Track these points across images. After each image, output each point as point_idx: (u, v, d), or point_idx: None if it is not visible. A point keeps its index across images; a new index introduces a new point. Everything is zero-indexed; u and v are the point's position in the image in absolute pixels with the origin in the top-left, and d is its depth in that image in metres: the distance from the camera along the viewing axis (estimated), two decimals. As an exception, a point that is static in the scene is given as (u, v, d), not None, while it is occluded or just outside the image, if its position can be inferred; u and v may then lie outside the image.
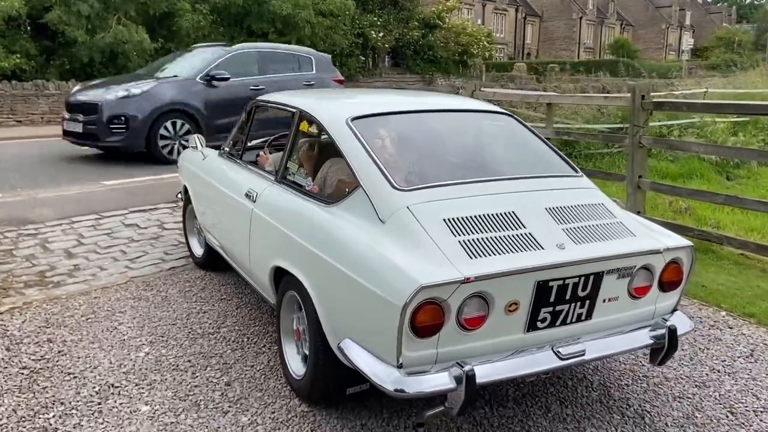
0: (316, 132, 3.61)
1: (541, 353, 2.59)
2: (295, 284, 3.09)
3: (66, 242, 5.79)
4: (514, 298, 2.49)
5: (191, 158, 5.17)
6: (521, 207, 2.80)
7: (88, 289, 4.74)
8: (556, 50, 56.99)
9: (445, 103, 4.09)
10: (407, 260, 2.47)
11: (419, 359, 2.41)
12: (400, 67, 26.38)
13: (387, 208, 2.74)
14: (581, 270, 2.59)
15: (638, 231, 2.89)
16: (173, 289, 4.75)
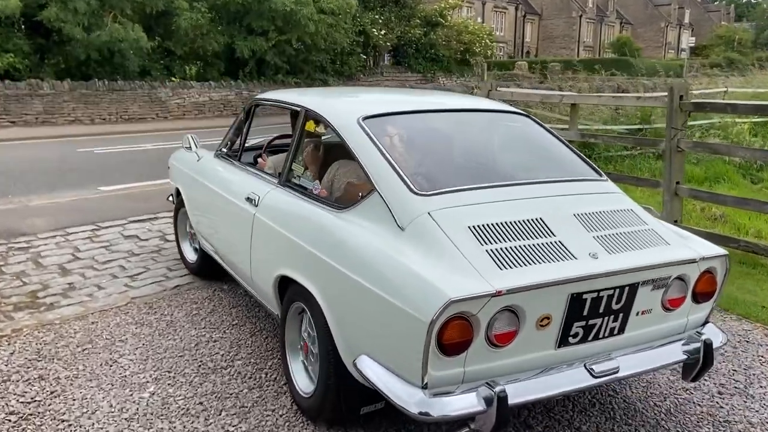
0: (323, 132, 3.41)
1: (574, 370, 2.44)
2: (302, 295, 2.88)
3: (60, 257, 5.32)
4: (547, 312, 2.32)
5: (184, 159, 4.85)
6: (549, 213, 2.62)
7: (84, 313, 4.27)
8: (555, 49, 56.58)
9: (460, 103, 3.85)
10: (433, 271, 2.28)
11: (445, 379, 2.23)
12: (401, 66, 25.90)
13: (406, 214, 2.55)
14: (616, 281, 2.42)
15: (671, 239, 2.72)
16: (179, 311, 4.29)
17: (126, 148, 11.97)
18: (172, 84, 18.78)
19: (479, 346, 2.24)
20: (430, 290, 2.19)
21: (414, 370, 2.21)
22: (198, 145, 4.76)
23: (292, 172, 3.42)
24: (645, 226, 2.75)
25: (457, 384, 2.26)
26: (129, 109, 17.74)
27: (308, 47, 21.20)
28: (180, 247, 5.13)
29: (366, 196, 2.75)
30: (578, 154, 3.33)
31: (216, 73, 20.39)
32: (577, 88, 10.82)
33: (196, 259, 4.87)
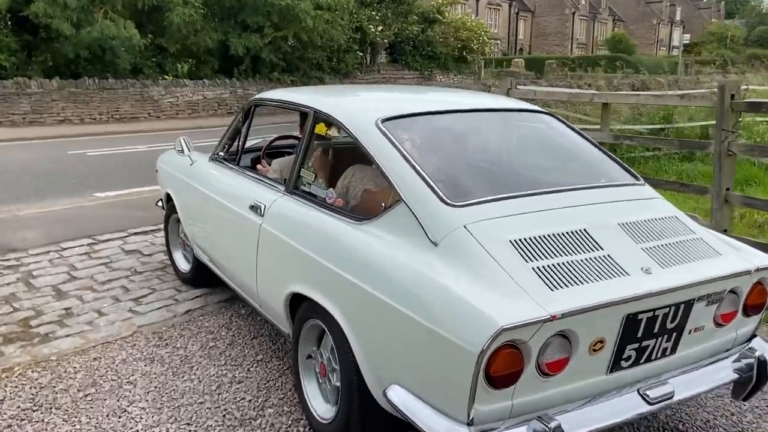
0: (335, 135, 3.12)
1: (626, 397, 2.23)
2: (320, 314, 2.65)
3: (55, 276, 4.76)
4: (600, 336, 2.12)
5: (175, 163, 4.55)
6: (592, 224, 2.40)
7: (84, 346, 3.73)
8: (548, 46, 56.24)
9: (480, 102, 3.55)
10: (477, 293, 2.04)
11: (492, 414, 2.01)
12: (398, 63, 25.34)
13: (439, 227, 2.30)
14: (672, 299, 2.22)
15: (722, 249, 2.53)
16: (193, 344, 3.75)
17: (119, 149, 11.38)
18: (165, 82, 18.15)
19: (529, 376, 2.02)
20: (478, 316, 1.96)
21: (458, 405, 1.99)
22: (191, 148, 4.42)
23: (301, 178, 3.13)
24: (693, 235, 2.55)
25: (504, 419, 2.04)
26: (120, 109, 17.09)
27: (304, 44, 20.59)
28: (171, 256, 4.83)
29: (390, 206, 2.50)
30: (611, 156, 3.08)
31: (210, 70, 19.75)
32: (595, 86, 10.36)
33: (190, 269, 4.57)
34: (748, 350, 2.57)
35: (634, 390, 2.26)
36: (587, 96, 6.93)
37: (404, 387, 2.21)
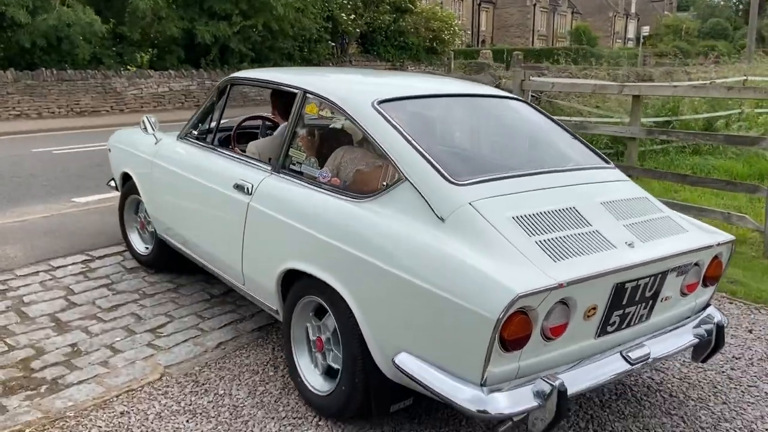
0: (328, 116, 3.30)
1: (612, 358, 2.47)
2: (319, 289, 2.75)
3: (50, 303, 4.04)
4: (594, 303, 2.34)
5: (136, 142, 4.47)
6: (580, 202, 2.62)
7: (105, 396, 3.05)
8: (510, 37, 56.22)
9: (464, 88, 3.64)
10: (490, 265, 2.19)
11: (502, 375, 2.19)
12: (370, 54, 24.68)
13: (445, 204, 2.44)
14: (652, 270, 2.46)
15: (687, 226, 2.83)
16: (239, 388, 3.12)
17: (86, 146, 10.46)
18: (128, 73, 17.07)
19: (534, 340, 2.21)
20: (494, 285, 2.12)
21: (472, 369, 2.15)
22: (156, 128, 4.32)
23: (289, 158, 3.17)
24: (663, 213, 2.81)
25: (510, 379, 2.21)
26: (81, 102, 16.00)
27: (275, 33, 19.74)
28: (127, 238, 4.77)
29: (392, 185, 2.60)
30: (583, 141, 3.33)
31: (175, 60, 18.71)
32: (593, 77, 9.97)
33: (151, 250, 4.52)
34: (707, 317, 2.85)
35: (617, 352, 2.49)
36: (616, 88, 6.46)
37: (413, 354, 2.33)
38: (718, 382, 3.29)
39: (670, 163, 8.85)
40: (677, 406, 3.05)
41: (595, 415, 2.95)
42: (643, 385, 3.23)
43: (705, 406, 3.06)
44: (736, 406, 3.07)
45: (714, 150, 9.43)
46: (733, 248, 2.87)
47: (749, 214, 5.82)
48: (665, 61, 34.57)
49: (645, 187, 7.47)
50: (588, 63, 25.24)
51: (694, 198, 7.31)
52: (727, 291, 4.52)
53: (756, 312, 4.19)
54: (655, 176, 6.61)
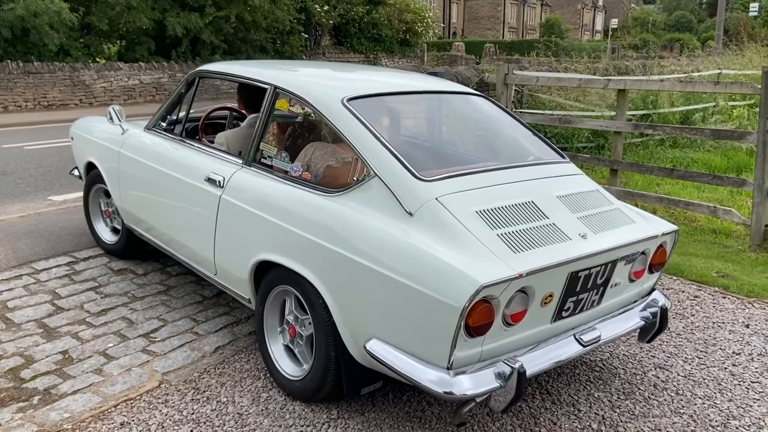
0: (298, 112, 3.39)
1: (565, 341, 2.63)
2: (292, 280, 2.85)
3: (36, 308, 3.88)
4: (551, 291, 2.49)
5: (99, 131, 4.51)
6: (538, 196, 2.77)
7: (102, 406, 2.94)
8: (481, 30, 56.38)
9: (430, 85, 3.77)
10: (456, 257, 2.34)
11: (466, 359, 2.33)
12: (343, 46, 24.48)
13: (413, 200, 2.57)
14: (603, 259, 2.62)
15: (635, 217, 2.99)
16: (242, 395, 3.03)
17: (58, 141, 10.13)
18: (97, 66, 16.65)
19: (497, 326, 2.35)
20: (460, 276, 2.24)
21: (439, 353, 2.28)
22: (122, 118, 4.32)
23: (261, 152, 3.23)
24: (613, 206, 3.00)
25: (474, 363, 2.35)
26: (48, 95, 15.57)
27: (247, 25, 19.46)
28: (93, 228, 4.78)
29: (362, 180, 2.72)
30: (540, 136, 3.47)
31: (145, 52, 18.31)
32: (573, 71, 9.99)
33: (118, 240, 4.56)
34: (652, 301, 3.04)
35: (571, 335, 2.65)
36: (602, 82, 6.46)
37: (383, 340, 2.46)
38: (722, 379, 3.30)
39: (650, 156, 8.94)
40: (685, 405, 3.05)
41: (606, 416, 2.94)
42: (649, 384, 3.22)
43: (713, 404, 3.06)
44: (743, 403, 3.08)
45: (692, 143, 9.55)
46: (676, 237, 3.05)
47: (731, 207, 5.89)
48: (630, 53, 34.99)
49: (627, 180, 7.54)
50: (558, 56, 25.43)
51: (677, 191, 7.38)
52: (719, 286, 4.55)
53: (750, 306, 4.23)
54: (641, 170, 6.64)
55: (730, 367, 3.42)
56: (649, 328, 2.99)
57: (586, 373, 3.31)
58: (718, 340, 3.73)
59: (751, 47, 15.02)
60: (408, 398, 3.02)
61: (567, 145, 8.63)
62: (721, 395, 3.14)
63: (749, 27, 36.55)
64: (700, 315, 4.08)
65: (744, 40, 15.45)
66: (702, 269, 4.86)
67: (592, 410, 2.98)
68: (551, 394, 3.10)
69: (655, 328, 2.99)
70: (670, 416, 2.95)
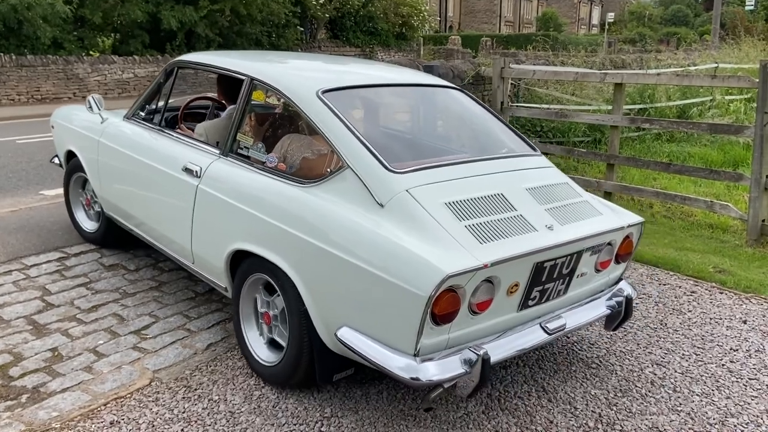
0: (274, 104, 3.46)
1: (531, 329, 2.70)
2: (266, 268, 2.90)
3: (26, 304, 3.83)
4: (516, 280, 2.55)
5: (80, 119, 4.53)
6: (507, 188, 2.84)
7: (91, 404, 2.89)
8: (477, 23, 56.22)
9: (406, 77, 3.82)
10: (424, 248, 2.39)
11: (433, 346, 2.39)
12: (339, 39, 24.35)
13: (384, 192, 2.62)
14: (568, 250, 2.68)
15: (602, 209, 3.06)
16: (234, 393, 2.99)
17: (51, 136, 10.05)
18: (91, 59, 16.50)
19: (462, 315, 2.41)
20: (426, 266, 2.30)
21: (406, 340, 2.34)
22: (101, 107, 4.32)
23: (237, 142, 3.26)
24: (581, 198, 3.06)
25: (441, 350, 2.42)
26: (41, 88, 15.43)
27: (243, 18, 19.32)
28: (73, 216, 4.81)
29: (335, 172, 2.76)
30: (512, 128, 3.54)
31: (140, 46, 18.15)
32: (570, 64, 9.95)
33: (98, 228, 4.60)
34: (618, 291, 3.12)
35: (536, 324, 2.72)
36: (598, 76, 6.41)
37: (353, 328, 2.51)
38: (720, 375, 3.27)
39: (647, 150, 8.91)
40: (683, 402, 3.01)
41: (603, 414, 2.90)
42: (646, 381, 3.19)
43: (710, 402, 3.03)
44: (740, 400, 3.05)
45: (689, 137, 9.51)
46: (641, 229, 3.13)
47: (728, 202, 5.86)
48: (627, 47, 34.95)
49: (623, 174, 7.50)
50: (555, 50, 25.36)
51: (673, 186, 7.35)
52: (716, 281, 4.52)
53: (747, 302, 4.20)
54: (638, 165, 6.61)
55: (728, 364, 3.39)
56: (614, 317, 3.06)
57: (583, 370, 3.27)
58: (715, 337, 3.70)
59: (748, 41, 14.99)
60: (402, 396, 2.98)
61: (563, 139, 8.59)
62: (719, 392, 3.11)
63: (745, 21, 36.52)
64: (697, 311, 4.05)
65: (741, 34, 15.43)
66: (699, 264, 4.83)
67: (589, 408, 2.95)
68: (548, 391, 3.07)
69: (621, 316, 3.05)
70: (668, 414, 2.92)
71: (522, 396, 3.02)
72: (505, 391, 3.06)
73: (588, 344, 3.55)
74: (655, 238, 5.55)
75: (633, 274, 4.63)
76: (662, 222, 6.17)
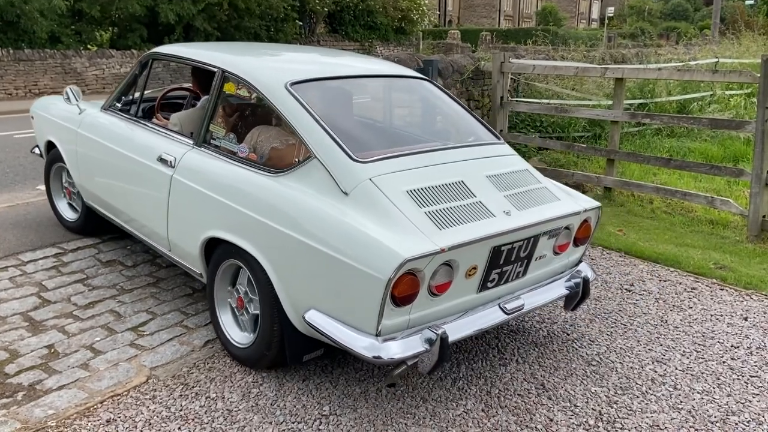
0: (245, 95, 3.53)
1: (491, 310, 2.82)
2: (239, 255, 3.00)
3: (22, 301, 3.80)
4: (474, 263, 2.66)
5: (58, 110, 4.59)
6: (468, 176, 2.94)
7: (88, 402, 2.87)
8: (476, 18, 56.04)
9: (377, 69, 3.91)
10: (384, 234, 2.50)
11: (394, 326, 2.50)
12: (337, 34, 24.27)
13: (349, 180, 2.73)
14: (525, 234, 2.80)
15: (560, 195, 3.19)
16: (231, 391, 2.96)
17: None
18: (89, 53, 16.44)
19: (422, 297, 2.53)
20: (386, 251, 2.42)
21: (368, 321, 2.46)
22: (79, 98, 4.39)
23: (210, 133, 3.35)
24: (540, 184, 3.18)
25: (402, 330, 2.53)
26: (39, 82, 15.36)
27: (241, 12, 19.25)
28: (54, 206, 4.90)
29: (303, 162, 2.87)
30: (477, 118, 3.63)
31: (138, 40, 18.09)
32: (570, 59, 9.88)
33: (78, 217, 4.67)
34: (576, 272, 3.25)
35: (496, 305, 2.84)
36: (599, 71, 6.37)
37: (320, 311, 2.63)
38: (721, 372, 3.25)
39: (646, 145, 8.87)
40: (684, 400, 2.99)
41: (604, 412, 2.88)
42: (647, 378, 3.17)
43: (711, 399, 3.01)
44: (742, 398, 3.03)
45: (689, 132, 9.48)
46: (599, 213, 3.27)
47: (729, 197, 5.83)
48: (626, 42, 34.83)
49: (623, 169, 7.46)
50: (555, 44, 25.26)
51: (673, 181, 7.32)
52: (717, 277, 4.50)
53: (748, 298, 4.18)
54: (638, 160, 6.57)
55: (729, 361, 3.37)
56: (573, 297, 3.18)
57: (583, 368, 3.25)
58: (716, 333, 3.68)
59: (748, 36, 14.93)
60: (402, 394, 2.96)
61: (563, 134, 8.55)
62: (720, 390, 3.09)
63: (745, 16, 36.42)
64: (698, 307, 4.03)
65: (741, 29, 15.37)
66: (699, 260, 4.80)
67: (589, 405, 2.93)
68: (547, 389, 3.05)
69: (578, 297, 3.18)
70: (669, 412, 2.90)
71: (522, 393, 3.00)
72: (505, 389, 3.04)
73: (588, 341, 3.53)
74: (655, 234, 5.53)
75: (633, 270, 4.61)
76: (662, 218, 6.14)
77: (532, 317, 3.80)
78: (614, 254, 4.95)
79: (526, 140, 7.54)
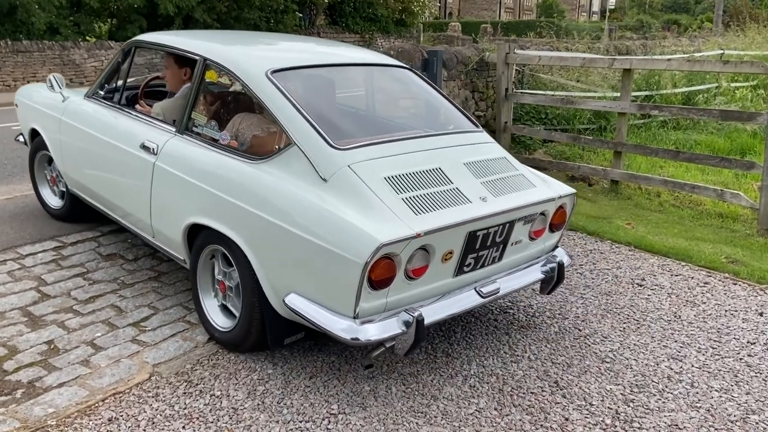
0: (226, 83, 3.60)
1: (467, 293, 2.88)
2: (221, 240, 3.03)
3: (21, 295, 3.71)
4: (450, 248, 2.73)
5: (42, 98, 4.59)
6: (445, 163, 2.99)
7: (89, 400, 2.78)
8: (477, 10, 55.72)
9: (358, 57, 3.96)
10: (361, 219, 2.56)
11: (372, 309, 2.57)
12: (338, 26, 24.09)
13: (328, 167, 2.77)
14: (500, 219, 2.87)
15: (536, 182, 3.24)
16: (236, 389, 2.88)
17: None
18: (88, 44, 16.28)
19: (399, 280, 2.59)
20: (363, 236, 2.47)
21: (346, 304, 2.53)
22: (63, 86, 4.42)
23: (192, 120, 3.38)
24: (516, 171, 3.25)
25: (380, 312, 2.60)
26: (38, 74, 15.20)
27: (240, 3, 19.09)
28: (39, 193, 4.91)
29: (283, 149, 2.91)
30: (456, 106, 3.68)
31: (137, 31, 17.88)
32: (575, 50, 9.77)
33: (63, 205, 4.69)
34: (552, 257, 3.32)
35: (472, 288, 2.90)
36: (606, 62, 6.27)
37: (300, 294, 2.69)
38: (738, 370, 3.17)
39: (652, 138, 8.77)
40: (702, 398, 2.91)
41: (620, 411, 2.80)
42: (663, 376, 3.09)
43: (730, 398, 2.93)
44: (762, 396, 2.95)
45: (695, 125, 9.38)
46: (574, 200, 3.35)
47: (738, 190, 5.74)
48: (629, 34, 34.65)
49: (630, 162, 7.37)
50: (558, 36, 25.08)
51: (680, 174, 7.23)
52: (730, 272, 4.41)
53: (762, 293, 4.10)
54: (646, 152, 6.48)
55: (746, 358, 3.29)
56: (548, 281, 3.25)
57: (597, 365, 3.17)
58: (731, 329, 3.60)
59: (753, 27, 14.80)
60: (411, 392, 2.88)
61: (568, 126, 8.45)
62: (738, 388, 3.01)
63: (749, 7, 36.23)
64: (711, 302, 3.94)
65: (746, 21, 15.23)
66: (710, 255, 4.72)
67: (605, 404, 2.84)
68: (561, 387, 2.96)
69: (554, 281, 3.25)
70: (687, 410, 2.82)
71: (535, 391, 2.92)
72: (518, 387, 2.95)
73: (601, 337, 3.45)
74: (664, 228, 5.44)
75: (644, 265, 4.52)
76: (671, 211, 6.05)
77: (543, 312, 3.72)
78: (623, 248, 4.87)
79: (531, 132, 7.44)
